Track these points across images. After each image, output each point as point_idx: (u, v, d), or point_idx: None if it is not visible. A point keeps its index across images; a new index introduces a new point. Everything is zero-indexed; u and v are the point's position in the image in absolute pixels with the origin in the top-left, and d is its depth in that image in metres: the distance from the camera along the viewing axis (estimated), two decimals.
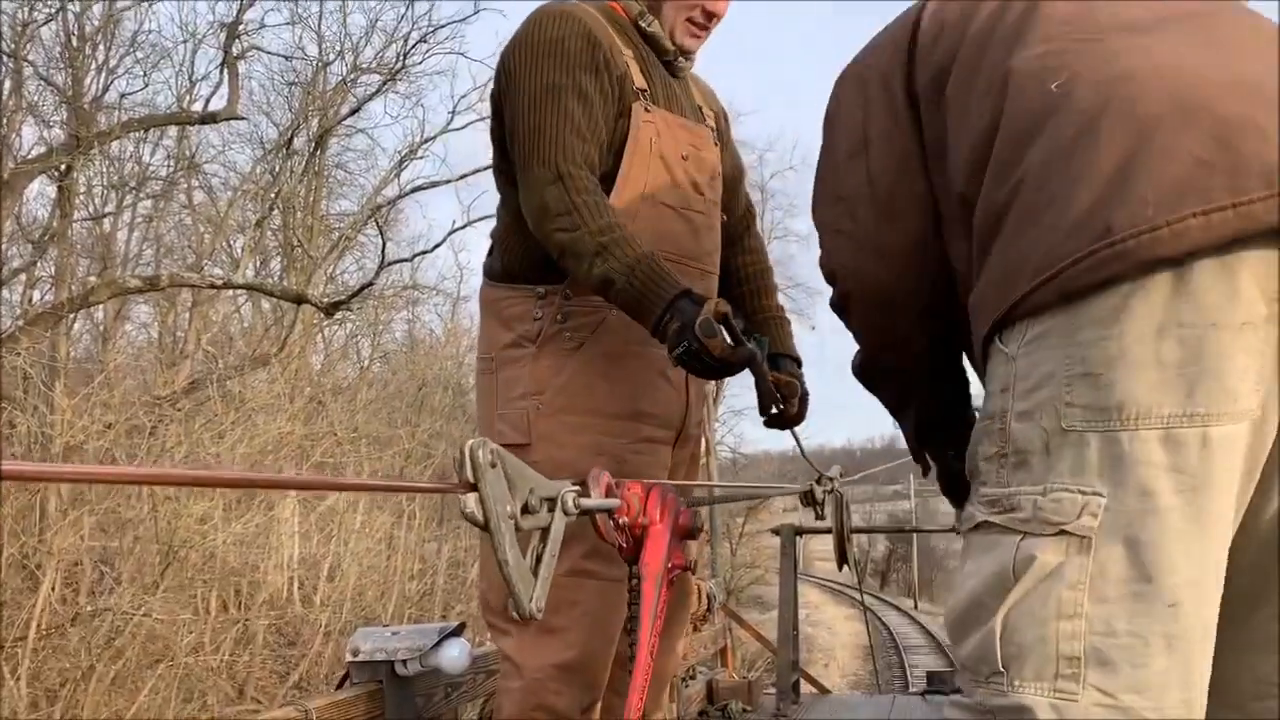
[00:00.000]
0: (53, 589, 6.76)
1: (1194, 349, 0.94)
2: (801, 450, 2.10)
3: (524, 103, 1.79)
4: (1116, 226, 0.95)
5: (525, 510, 0.96)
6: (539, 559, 0.97)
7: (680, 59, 1.98)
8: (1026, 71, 1.06)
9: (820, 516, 2.32)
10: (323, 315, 10.47)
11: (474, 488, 0.90)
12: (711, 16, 1.96)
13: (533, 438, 1.80)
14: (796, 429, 1.97)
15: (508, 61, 1.83)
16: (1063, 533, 0.96)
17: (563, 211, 1.71)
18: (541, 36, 1.80)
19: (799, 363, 2.06)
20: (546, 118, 1.76)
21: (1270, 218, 0.92)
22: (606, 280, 1.69)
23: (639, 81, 1.87)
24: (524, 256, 1.86)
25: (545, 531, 1.00)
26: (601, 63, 1.80)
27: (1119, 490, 0.95)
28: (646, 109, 1.86)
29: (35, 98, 10.25)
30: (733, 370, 1.70)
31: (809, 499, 2.18)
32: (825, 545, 2.72)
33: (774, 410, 1.89)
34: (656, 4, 1.93)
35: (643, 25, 1.93)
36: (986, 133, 1.07)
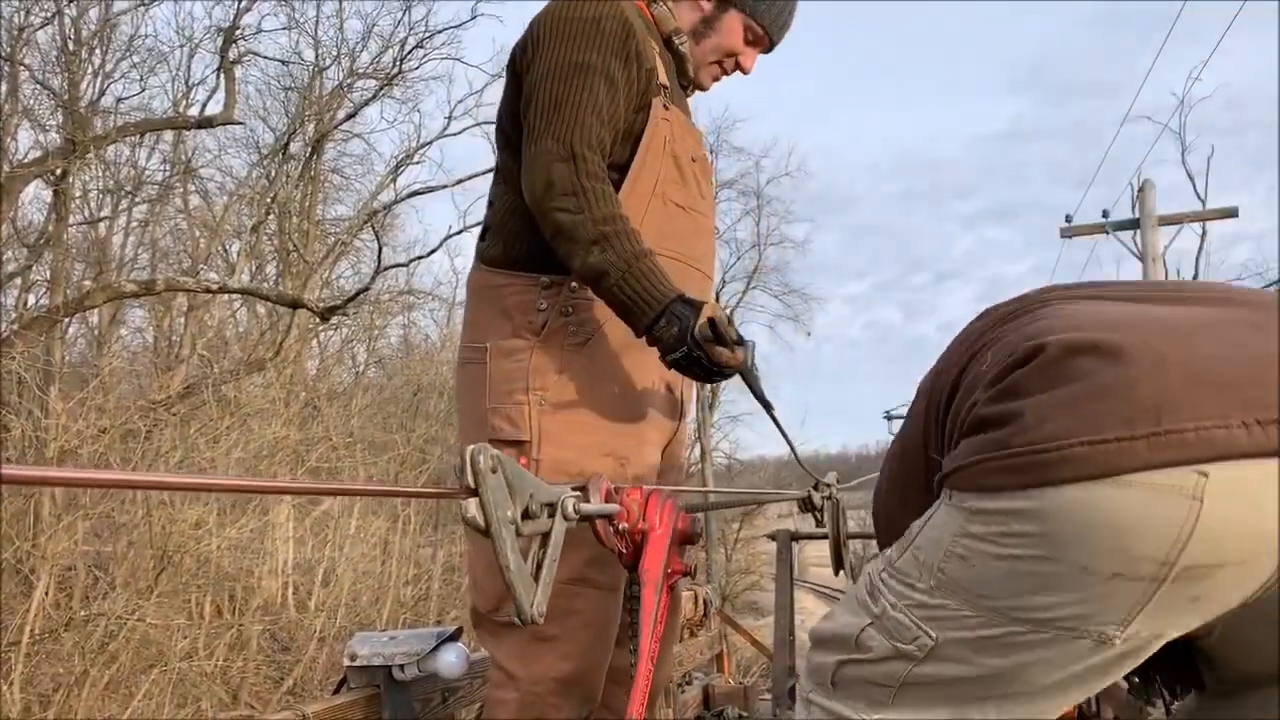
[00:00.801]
0: (46, 594, 6.74)
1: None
2: (796, 456, 2.10)
3: (549, 73, 1.74)
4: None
5: (526, 515, 0.96)
6: (540, 565, 0.97)
7: (691, 88, 2.02)
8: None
9: (820, 522, 2.31)
10: (318, 320, 10.45)
11: (475, 493, 0.90)
12: (738, 69, 1.99)
13: (534, 435, 1.74)
14: (784, 428, 1.97)
15: (539, 28, 1.79)
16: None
17: (569, 192, 1.67)
18: (579, 13, 1.77)
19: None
20: (570, 94, 1.71)
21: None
22: (600, 271, 1.65)
23: (662, 78, 1.85)
24: (528, 242, 1.78)
25: (546, 537, 1.00)
26: (634, 52, 1.78)
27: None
28: (665, 105, 1.85)
29: (31, 102, 10.25)
30: (728, 375, 1.69)
31: (807, 505, 2.18)
32: (821, 551, 2.72)
33: (769, 413, 1.90)
34: (701, 32, 1.94)
35: (676, 42, 1.94)
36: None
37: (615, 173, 1.79)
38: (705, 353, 1.62)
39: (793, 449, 2.02)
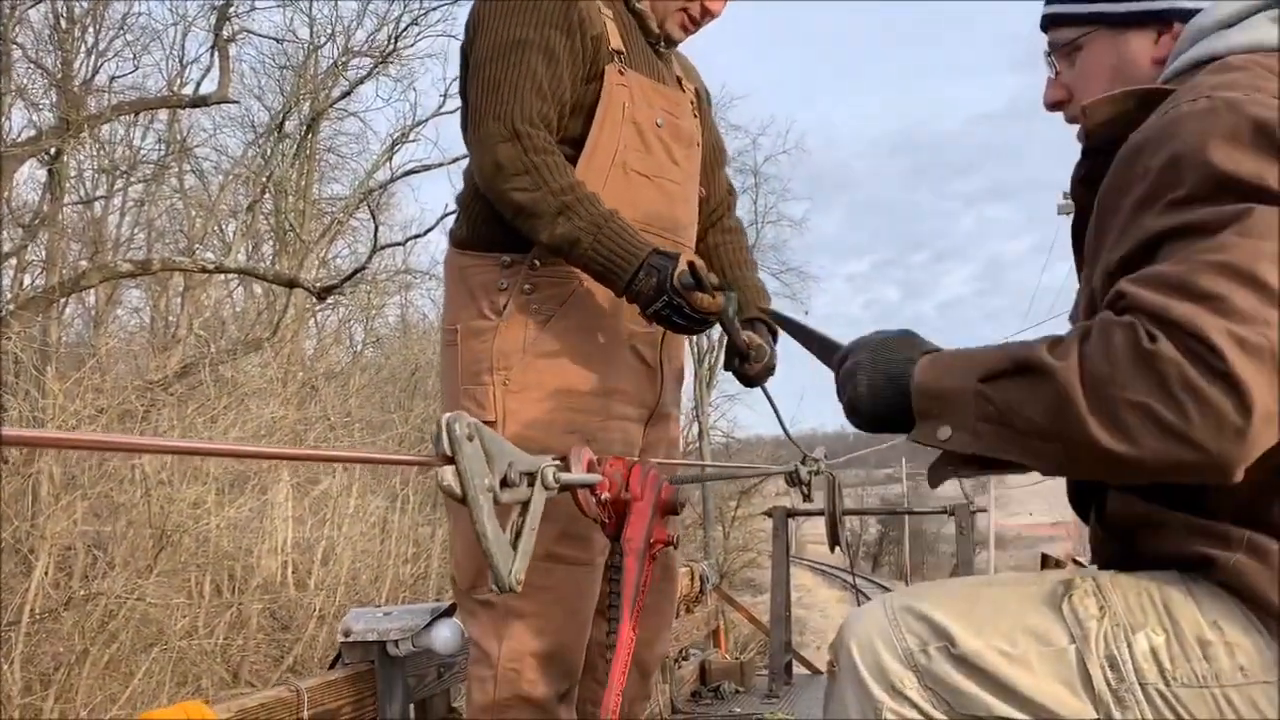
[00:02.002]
0: (46, 573, 6.76)
1: None
2: (784, 428, 2.09)
3: (488, 54, 1.72)
4: None
5: (505, 484, 0.96)
6: (518, 533, 0.98)
7: (663, 45, 1.94)
8: None
9: (807, 497, 2.31)
10: (315, 300, 10.43)
11: (451, 460, 0.90)
12: (706, 14, 1.92)
13: (499, 414, 1.74)
14: (773, 397, 1.96)
15: (478, 11, 1.77)
16: None
17: (520, 171, 1.66)
18: None
19: (775, 334, 1.99)
20: (508, 72, 1.69)
21: None
22: (571, 240, 1.64)
23: (615, 43, 1.80)
24: (489, 221, 1.78)
25: (525, 506, 1.00)
26: (575, 21, 1.74)
27: None
28: (621, 72, 1.80)
29: (24, 81, 10.18)
30: (709, 324, 1.68)
31: (794, 479, 2.18)
32: (818, 529, 2.73)
33: (736, 364, 1.89)
34: None
35: (633, 1, 1.88)
36: None
37: (570, 147, 1.77)
38: (685, 300, 1.62)
39: (773, 406, 2.00)
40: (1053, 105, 1.37)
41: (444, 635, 2.26)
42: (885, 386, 1.14)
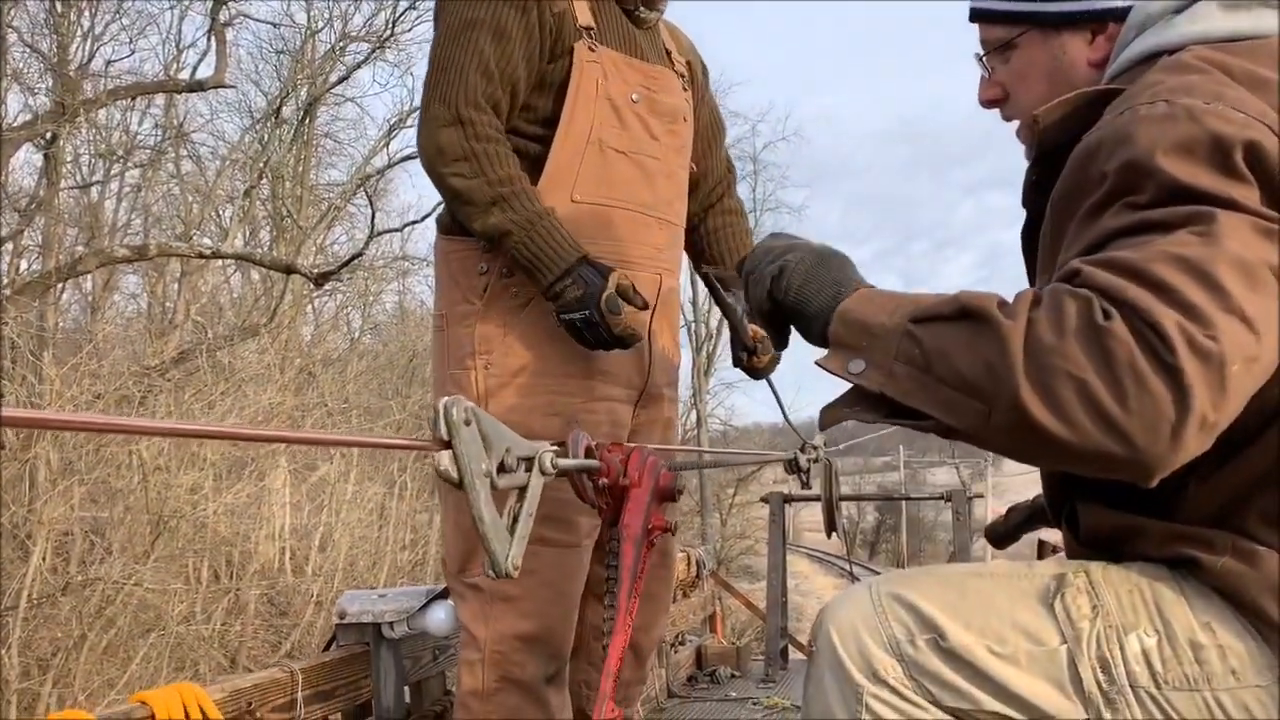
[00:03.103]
0: (43, 559, 6.78)
1: None
2: (786, 418, 2.09)
3: (440, 36, 1.72)
4: None
5: (501, 469, 0.96)
6: (515, 518, 0.98)
7: (642, 9, 1.88)
8: None
9: (805, 484, 2.32)
10: (312, 286, 10.42)
11: (448, 445, 0.90)
12: None
13: (481, 400, 1.73)
14: (776, 385, 1.96)
15: None
16: None
17: (459, 157, 1.66)
18: None
19: None
20: (455, 54, 1.69)
21: None
22: (503, 231, 1.65)
23: (583, 19, 1.78)
24: None
25: (522, 491, 1.00)
26: None
27: None
28: (591, 48, 1.77)
29: (20, 65, 10.13)
30: (625, 345, 1.68)
31: (793, 467, 2.18)
32: (815, 516, 2.74)
33: (744, 358, 1.90)
34: None
35: None
36: None
37: (542, 126, 1.76)
38: (604, 322, 1.63)
39: (777, 398, 2.00)
40: (988, 103, 1.33)
41: (439, 617, 2.26)
42: (813, 298, 1.08)
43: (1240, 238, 0.91)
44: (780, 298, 1.11)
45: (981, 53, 1.33)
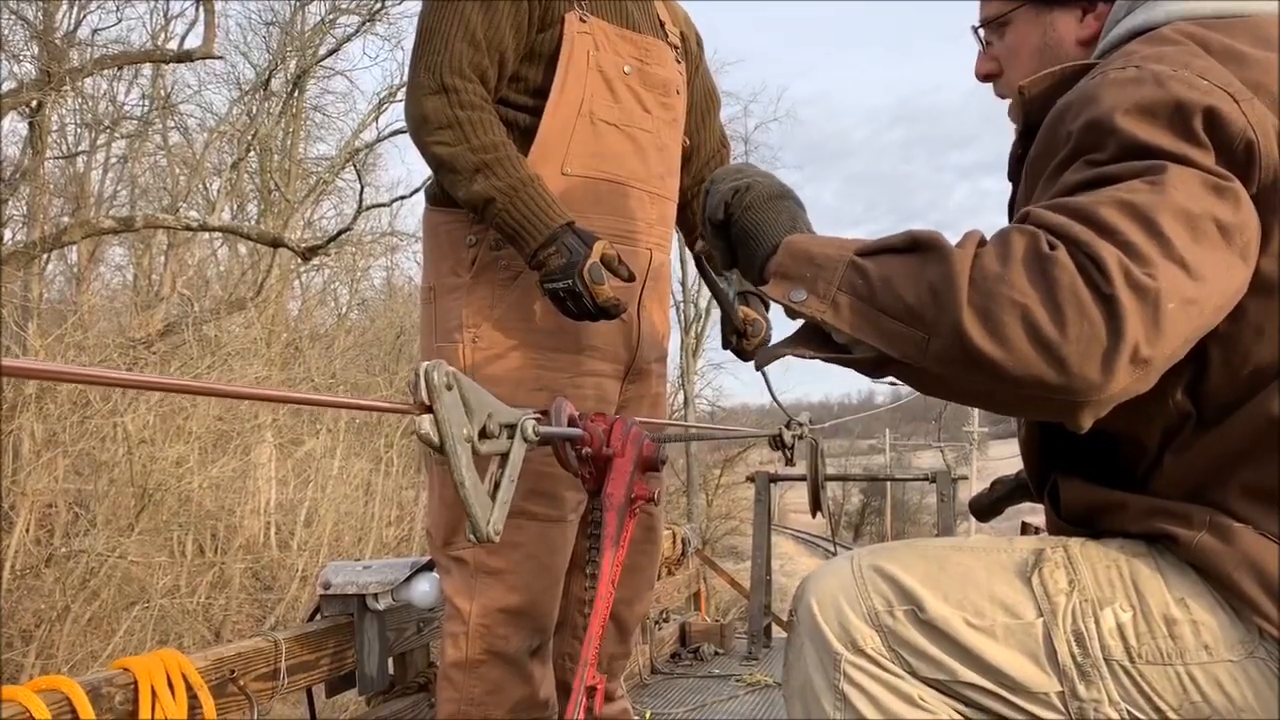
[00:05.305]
0: (27, 530, 6.76)
1: None
2: (775, 398, 2.09)
3: (426, 5, 1.71)
4: None
5: (484, 435, 0.96)
6: (497, 484, 0.97)
7: None
8: None
9: (790, 461, 2.32)
10: (300, 260, 10.36)
11: (429, 409, 0.89)
12: None
13: (469, 373, 1.72)
14: (766, 370, 1.96)
15: None
16: None
17: (444, 125, 1.66)
18: None
19: (767, 305, 1.98)
20: (441, 22, 1.68)
21: None
22: (486, 198, 1.64)
23: None
24: None
25: (504, 458, 1.00)
26: None
27: None
28: (582, 19, 1.76)
29: (5, 31, 10.01)
30: (610, 316, 1.67)
31: (778, 443, 2.18)
32: (800, 499, 2.74)
33: (735, 341, 1.90)
34: None
35: None
36: None
37: (532, 97, 1.75)
38: (588, 291, 1.61)
39: (768, 383, 2.00)
40: (984, 77, 1.36)
41: (423, 589, 2.26)
42: (766, 224, 1.10)
43: (1188, 190, 0.93)
44: (736, 213, 1.13)
45: (978, 25, 1.35)
